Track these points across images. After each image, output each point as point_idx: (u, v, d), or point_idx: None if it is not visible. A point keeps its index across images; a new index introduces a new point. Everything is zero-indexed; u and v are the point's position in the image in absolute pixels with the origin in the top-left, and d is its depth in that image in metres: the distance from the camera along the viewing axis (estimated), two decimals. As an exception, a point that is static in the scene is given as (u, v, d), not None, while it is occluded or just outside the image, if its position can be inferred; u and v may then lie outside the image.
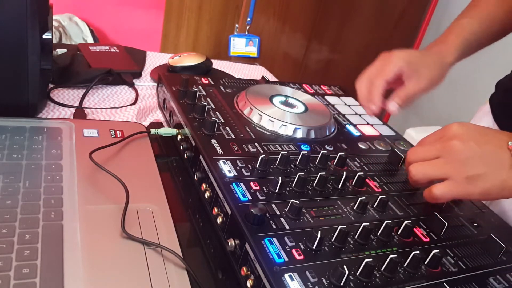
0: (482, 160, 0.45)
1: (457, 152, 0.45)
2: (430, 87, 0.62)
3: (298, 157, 0.52)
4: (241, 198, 0.44)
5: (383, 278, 0.39)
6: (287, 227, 0.41)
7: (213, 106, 0.61)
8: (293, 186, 0.47)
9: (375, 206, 0.48)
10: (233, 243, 0.41)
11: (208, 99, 0.63)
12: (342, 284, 0.36)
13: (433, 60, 0.63)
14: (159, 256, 0.42)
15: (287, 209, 0.43)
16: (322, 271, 0.37)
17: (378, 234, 0.43)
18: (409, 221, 0.45)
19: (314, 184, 0.49)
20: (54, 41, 0.85)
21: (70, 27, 1.75)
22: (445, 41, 0.65)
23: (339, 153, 0.54)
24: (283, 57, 2.15)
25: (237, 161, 0.49)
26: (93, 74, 0.77)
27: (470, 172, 0.44)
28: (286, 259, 0.38)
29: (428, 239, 0.45)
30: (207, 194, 0.48)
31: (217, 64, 1.02)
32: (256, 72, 1.07)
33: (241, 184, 0.46)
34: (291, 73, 2.19)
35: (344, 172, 0.50)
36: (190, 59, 0.85)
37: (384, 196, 0.48)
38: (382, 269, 0.39)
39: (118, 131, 0.60)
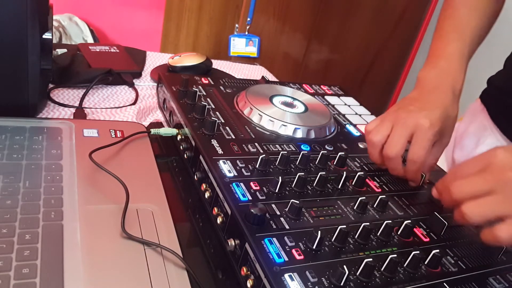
0: None
1: None
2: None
3: (298, 157, 0.52)
4: (241, 198, 0.44)
5: (383, 278, 0.39)
6: (287, 227, 0.41)
7: (213, 106, 0.61)
8: (293, 186, 0.47)
9: (375, 206, 0.48)
10: (233, 243, 0.41)
11: (208, 99, 0.63)
12: (342, 284, 0.36)
13: (453, 107, 0.56)
14: (159, 256, 0.42)
15: (287, 209, 0.43)
16: (322, 271, 0.37)
17: (378, 234, 0.43)
18: (409, 221, 0.45)
19: (314, 184, 0.49)
20: (54, 41, 0.85)
21: (70, 27, 1.75)
22: (450, 73, 0.59)
23: (339, 153, 0.54)
24: (283, 57, 2.15)
25: (237, 161, 0.49)
26: (93, 74, 0.77)
27: None
28: (286, 259, 0.38)
29: (428, 239, 0.46)
30: (207, 194, 0.48)
31: (217, 64, 1.02)
32: (256, 72, 1.07)
33: (241, 184, 0.46)
34: (291, 73, 2.19)
35: (344, 172, 0.50)
36: (190, 59, 0.85)
37: (384, 196, 0.48)
38: (382, 269, 0.39)
39: (118, 131, 0.60)
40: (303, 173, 0.47)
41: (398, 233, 0.45)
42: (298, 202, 0.43)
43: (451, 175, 0.45)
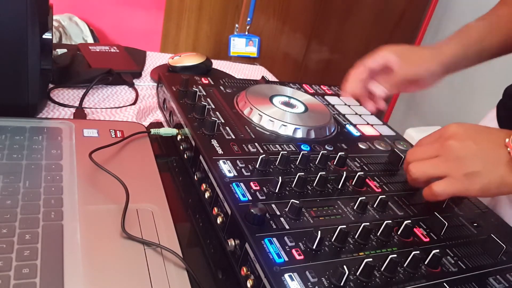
0: (479, 157, 0.45)
1: (455, 150, 0.46)
2: (420, 72, 0.64)
3: (298, 157, 0.52)
4: (241, 198, 0.44)
5: (383, 278, 0.39)
6: (287, 227, 0.41)
7: (213, 106, 0.61)
8: (293, 186, 0.47)
9: (375, 206, 0.48)
10: (233, 243, 0.41)
11: (208, 99, 0.63)
12: (342, 284, 0.36)
13: (426, 51, 0.65)
14: (159, 256, 0.42)
15: (287, 209, 0.43)
16: (322, 271, 0.37)
17: (378, 234, 0.43)
18: (409, 221, 0.45)
19: (314, 184, 0.49)
20: (54, 41, 0.85)
21: (70, 27, 1.75)
22: (447, 40, 0.66)
23: (339, 153, 0.54)
24: (283, 57, 2.15)
25: (237, 161, 0.49)
26: (93, 74, 0.77)
27: (468, 169, 0.45)
28: (286, 259, 0.38)
29: (428, 239, 0.46)
30: (207, 194, 0.48)
31: (217, 64, 1.02)
32: (256, 72, 1.07)
33: (241, 184, 0.46)
34: (291, 73, 2.19)
35: (344, 172, 0.50)
36: (190, 59, 0.85)
37: (384, 196, 0.48)
38: (382, 269, 0.39)
39: (118, 131, 0.60)
40: (303, 173, 0.47)
41: (398, 233, 0.45)
42: (298, 202, 0.43)
43: (416, 143, 0.52)
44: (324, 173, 0.49)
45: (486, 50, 0.68)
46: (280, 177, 0.46)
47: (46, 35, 0.58)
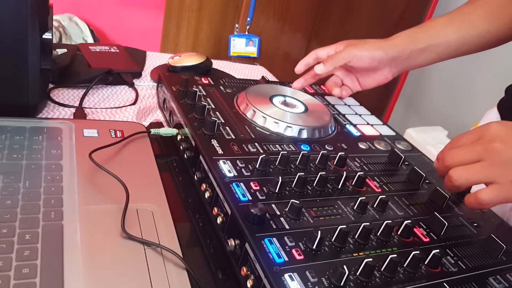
0: None
1: (501, 154, 0.43)
2: (361, 56, 0.67)
3: (298, 157, 0.52)
4: (241, 198, 0.44)
5: (383, 278, 0.39)
6: (287, 227, 0.41)
7: (213, 106, 0.61)
8: (293, 186, 0.47)
9: (375, 206, 0.48)
10: (233, 243, 0.41)
11: (208, 99, 0.63)
12: (342, 284, 0.36)
13: (374, 40, 0.69)
14: (159, 256, 0.42)
15: (287, 209, 0.43)
16: (322, 271, 0.37)
17: (378, 234, 0.43)
18: (409, 221, 0.45)
19: (314, 184, 0.49)
20: (54, 41, 0.85)
21: (70, 27, 1.75)
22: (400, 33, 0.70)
23: (339, 153, 0.54)
24: (283, 57, 2.15)
25: (237, 161, 0.49)
26: (93, 74, 0.77)
27: None
28: (286, 259, 0.38)
29: (428, 239, 0.45)
30: (207, 194, 0.48)
31: (217, 64, 1.02)
32: (256, 72, 1.07)
33: (241, 184, 0.46)
34: (291, 73, 2.19)
35: (344, 172, 0.50)
36: (190, 59, 0.85)
37: (384, 196, 0.48)
38: (382, 269, 0.39)
39: (118, 131, 0.60)
40: (303, 173, 0.47)
41: (398, 233, 0.45)
42: (298, 202, 0.43)
43: (449, 144, 0.48)
44: (324, 173, 0.49)
45: (442, 45, 0.67)
46: (280, 177, 0.46)
47: (46, 35, 0.58)
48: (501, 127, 0.44)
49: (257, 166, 0.49)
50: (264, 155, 0.49)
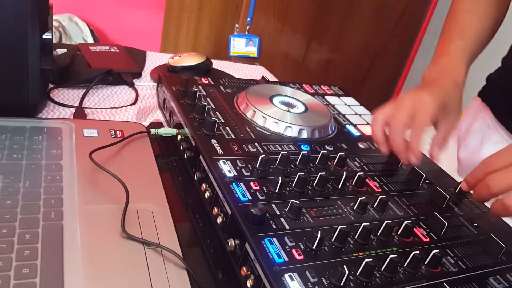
0: None
1: None
2: (459, 117, 0.61)
3: (298, 157, 0.52)
4: (241, 198, 0.44)
5: (383, 278, 0.39)
6: (287, 227, 0.41)
7: (213, 106, 0.61)
8: (293, 186, 0.47)
9: (375, 206, 0.48)
10: (233, 243, 0.41)
11: (208, 99, 0.63)
12: (342, 284, 0.36)
13: (455, 92, 0.58)
14: (159, 256, 0.42)
15: (287, 209, 0.43)
16: (322, 271, 0.37)
17: (378, 234, 0.43)
18: (409, 221, 0.45)
19: (314, 184, 0.49)
20: (54, 41, 0.85)
21: (70, 27, 1.75)
22: (450, 67, 0.62)
23: (339, 153, 0.54)
24: (283, 57, 2.15)
25: (237, 161, 0.49)
26: (93, 74, 0.77)
27: None
28: (286, 259, 0.38)
29: (428, 239, 0.45)
30: (207, 194, 0.48)
31: (217, 64, 1.02)
32: (256, 72, 1.07)
33: (241, 184, 0.46)
34: (291, 73, 2.19)
35: (344, 172, 0.50)
36: (190, 59, 0.85)
37: (384, 196, 0.48)
38: (382, 269, 0.39)
39: (118, 131, 0.60)
40: (303, 173, 0.47)
41: (398, 233, 0.45)
42: (298, 202, 0.43)
43: (482, 168, 0.46)
44: (324, 173, 0.49)
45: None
46: (280, 177, 0.46)
47: (46, 35, 0.58)
48: None
49: (257, 166, 0.49)
50: (264, 155, 0.49)
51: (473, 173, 0.48)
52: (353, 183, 0.51)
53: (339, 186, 0.50)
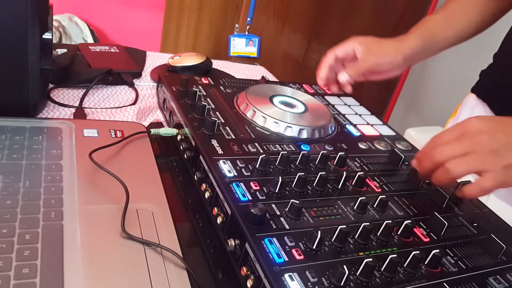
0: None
1: (489, 144, 0.47)
2: (382, 63, 0.71)
3: (298, 157, 0.52)
4: (241, 198, 0.44)
5: (383, 278, 0.39)
6: (287, 227, 0.41)
7: (213, 106, 0.61)
8: (293, 186, 0.47)
9: (375, 206, 0.48)
10: (233, 243, 0.41)
11: (208, 99, 0.63)
12: (342, 284, 0.36)
13: (389, 43, 0.72)
14: (159, 256, 0.42)
15: (287, 209, 0.43)
16: (322, 271, 0.37)
17: (378, 234, 0.43)
18: (409, 221, 0.45)
19: (314, 184, 0.49)
20: (54, 41, 0.85)
21: (70, 27, 1.75)
22: (409, 33, 0.74)
23: (339, 153, 0.54)
24: (283, 57, 2.15)
25: (237, 161, 0.49)
26: (93, 74, 0.77)
27: (505, 161, 0.46)
28: (286, 259, 0.38)
29: (428, 239, 0.46)
30: (207, 194, 0.48)
31: (217, 64, 1.02)
32: (256, 72, 1.07)
33: (241, 184, 0.46)
34: (291, 73, 2.19)
35: (344, 172, 0.50)
36: (190, 59, 0.85)
37: (384, 196, 0.48)
38: (382, 269, 0.39)
39: (118, 131, 0.60)
40: (303, 173, 0.47)
41: (398, 233, 0.45)
42: (298, 202, 0.43)
43: (430, 143, 0.51)
44: (324, 173, 0.49)
45: (441, 42, 0.75)
46: (280, 177, 0.46)
47: (46, 35, 0.58)
48: (482, 121, 0.48)
49: (257, 166, 0.49)
50: (264, 155, 0.49)
51: (422, 149, 0.52)
52: (353, 183, 0.51)
53: (339, 186, 0.50)
